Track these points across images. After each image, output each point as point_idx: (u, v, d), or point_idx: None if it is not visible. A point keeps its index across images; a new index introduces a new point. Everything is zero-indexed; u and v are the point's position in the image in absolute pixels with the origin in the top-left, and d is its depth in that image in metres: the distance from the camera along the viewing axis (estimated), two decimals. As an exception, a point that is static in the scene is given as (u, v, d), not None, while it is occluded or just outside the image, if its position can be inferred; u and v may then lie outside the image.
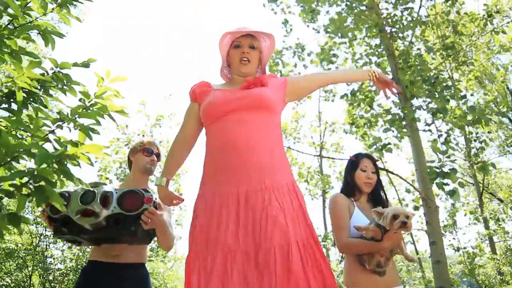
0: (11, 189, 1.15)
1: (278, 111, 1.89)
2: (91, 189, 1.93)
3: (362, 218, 2.33)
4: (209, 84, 1.96)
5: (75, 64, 1.59)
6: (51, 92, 1.63)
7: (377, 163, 2.55)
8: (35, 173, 1.12)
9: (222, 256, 1.55)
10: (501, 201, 13.71)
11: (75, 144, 1.19)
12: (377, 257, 2.15)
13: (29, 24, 1.47)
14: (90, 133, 1.33)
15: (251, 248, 1.54)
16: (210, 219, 1.64)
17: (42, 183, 1.13)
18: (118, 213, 1.91)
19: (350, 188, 2.47)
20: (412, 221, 2.05)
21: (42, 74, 1.57)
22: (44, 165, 1.12)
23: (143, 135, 9.90)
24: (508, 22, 7.57)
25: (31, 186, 1.15)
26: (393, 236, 2.07)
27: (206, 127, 1.87)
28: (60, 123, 1.32)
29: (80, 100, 1.39)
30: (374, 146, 6.65)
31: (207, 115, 1.83)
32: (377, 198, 2.49)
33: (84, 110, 1.35)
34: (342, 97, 7.45)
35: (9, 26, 1.44)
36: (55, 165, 1.13)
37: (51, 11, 1.54)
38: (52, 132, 1.31)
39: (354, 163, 2.50)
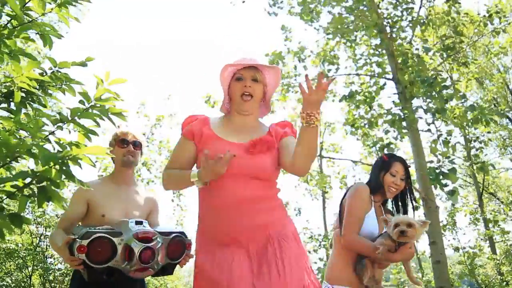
0: (13, 190, 1.15)
1: (276, 178, 1.85)
2: (149, 245, 1.89)
3: (374, 221, 2.28)
4: (208, 122, 1.82)
5: (73, 63, 1.59)
6: (50, 91, 1.63)
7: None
8: (38, 174, 1.12)
9: None
10: (501, 201, 13.71)
11: (76, 145, 1.19)
12: (374, 272, 2.15)
13: (29, 23, 1.47)
14: (89, 134, 1.33)
15: None
16: (222, 270, 1.61)
17: (45, 183, 1.13)
18: (166, 263, 1.99)
19: (375, 187, 2.35)
20: (419, 229, 2.02)
21: (41, 74, 1.57)
22: (47, 166, 1.12)
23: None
24: (509, 23, 7.56)
25: (33, 187, 1.15)
26: (407, 251, 2.07)
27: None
28: (60, 124, 1.31)
29: (80, 101, 1.39)
30: (374, 147, 6.66)
31: None
32: (400, 204, 2.41)
33: (84, 111, 1.35)
34: (341, 99, 7.45)
35: (8, 26, 1.44)
36: (57, 166, 1.13)
37: (50, 11, 1.54)
38: (52, 133, 1.31)
39: (385, 163, 2.36)
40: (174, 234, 2.00)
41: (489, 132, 7.16)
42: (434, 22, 7.07)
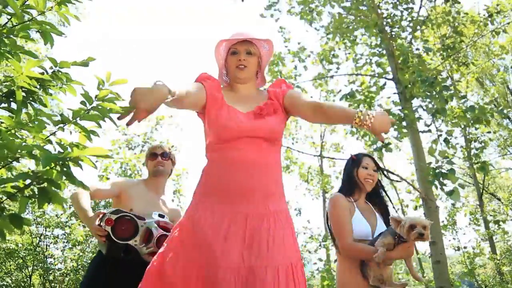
0: (13, 191, 1.15)
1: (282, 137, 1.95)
2: (167, 233, 2.02)
3: (362, 221, 2.31)
4: (219, 88, 1.88)
5: (74, 63, 1.58)
6: (50, 91, 1.63)
7: (376, 163, 2.54)
8: (39, 175, 1.11)
9: (225, 271, 1.55)
10: (500, 200, 13.71)
11: (77, 146, 1.19)
12: (381, 271, 2.13)
13: (28, 22, 1.46)
14: (91, 135, 1.32)
15: (256, 265, 1.57)
16: (217, 232, 1.63)
17: (45, 185, 1.13)
18: None
19: (350, 185, 2.43)
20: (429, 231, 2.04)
21: (41, 73, 1.57)
22: (47, 167, 1.12)
23: (145, 135, 10.01)
24: (509, 23, 7.56)
25: (34, 188, 1.14)
26: (406, 249, 2.08)
27: (214, 144, 1.81)
28: (61, 125, 1.31)
29: (81, 102, 1.38)
30: (374, 146, 6.65)
31: (219, 137, 1.78)
32: (376, 198, 2.48)
33: (86, 112, 1.34)
34: (341, 98, 7.45)
35: (7, 24, 1.43)
36: (58, 167, 1.13)
37: (50, 10, 1.53)
38: (54, 134, 1.30)
39: (355, 161, 2.48)
40: None
41: (489, 132, 7.15)
42: (434, 22, 7.06)
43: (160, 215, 2.24)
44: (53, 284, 9.02)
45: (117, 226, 2.03)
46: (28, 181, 1.11)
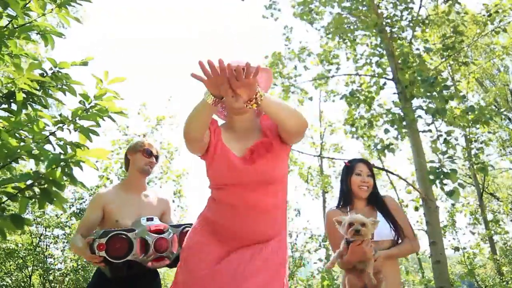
0: (14, 191, 1.15)
1: (286, 173, 1.86)
2: (162, 236, 2.11)
3: None
4: (219, 130, 1.81)
5: (73, 63, 1.59)
6: (50, 91, 1.63)
7: (374, 164, 2.54)
8: (41, 175, 1.12)
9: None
10: (498, 199, 13.70)
11: (76, 145, 1.19)
12: (361, 279, 2.06)
13: (29, 24, 1.47)
14: (90, 134, 1.33)
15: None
16: (199, 260, 1.67)
17: (47, 185, 1.13)
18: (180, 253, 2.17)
19: (346, 195, 2.46)
20: (370, 228, 1.98)
21: (41, 75, 1.57)
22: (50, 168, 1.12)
23: (144, 135, 10.01)
24: (509, 22, 7.56)
25: (35, 189, 1.15)
26: (355, 249, 2.01)
27: (211, 185, 1.81)
28: (60, 125, 1.31)
29: (80, 102, 1.38)
30: (375, 148, 6.66)
31: (213, 180, 1.78)
32: (376, 201, 2.47)
33: (84, 112, 1.34)
34: (342, 97, 7.45)
35: (8, 26, 1.43)
36: (59, 168, 1.13)
37: (50, 12, 1.54)
38: (53, 134, 1.31)
39: (349, 168, 2.48)
40: (184, 225, 2.23)
41: (489, 132, 7.15)
42: (435, 22, 7.06)
43: (148, 219, 2.22)
44: (53, 284, 9.03)
45: (110, 248, 2.00)
46: (29, 182, 1.11)
